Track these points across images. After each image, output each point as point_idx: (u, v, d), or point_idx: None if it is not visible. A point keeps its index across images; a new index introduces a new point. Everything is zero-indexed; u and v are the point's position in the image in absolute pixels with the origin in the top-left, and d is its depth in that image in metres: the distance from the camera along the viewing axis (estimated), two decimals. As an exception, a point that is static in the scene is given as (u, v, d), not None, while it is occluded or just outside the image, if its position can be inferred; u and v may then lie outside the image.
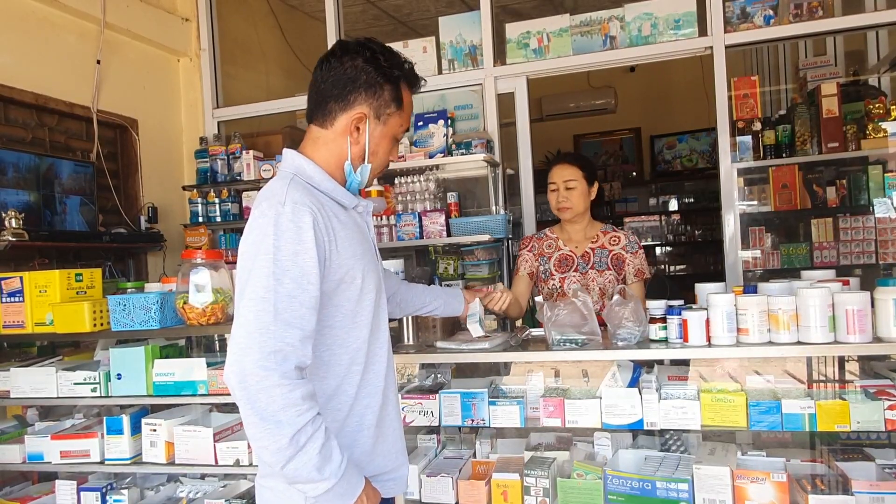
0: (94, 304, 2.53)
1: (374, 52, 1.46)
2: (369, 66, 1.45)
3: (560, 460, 2.35)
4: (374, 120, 1.47)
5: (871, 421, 2.03)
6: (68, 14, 3.62)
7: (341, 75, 1.45)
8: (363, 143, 1.48)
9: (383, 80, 1.46)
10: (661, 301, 2.27)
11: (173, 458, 2.50)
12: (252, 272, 1.31)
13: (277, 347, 1.26)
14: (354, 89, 1.45)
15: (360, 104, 1.46)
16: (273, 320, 1.26)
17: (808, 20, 3.47)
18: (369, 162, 1.51)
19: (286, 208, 1.33)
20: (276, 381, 1.24)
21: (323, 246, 1.37)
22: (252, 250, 1.33)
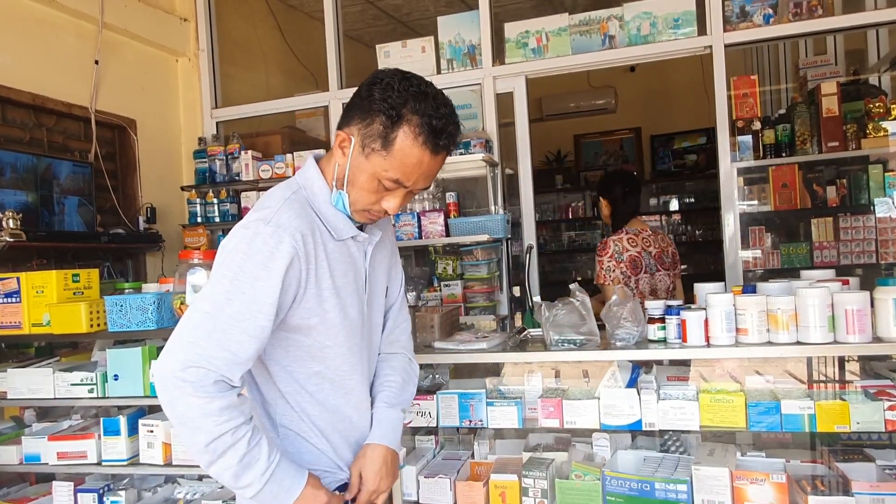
0: (91, 304, 2.52)
1: (392, 83, 1.35)
2: (376, 94, 1.35)
3: (559, 461, 2.34)
4: (359, 148, 1.38)
5: (870, 421, 2.01)
6: (66, 14, 3.62)
7: (356, 95, 1.41)
8: (344, 166, 1.40)
9: (378, 111, 1.34)
10: (659, 301, 2.27)
11: (170, 459, 2.50)
12: (211, 282, 1.32)
13: (199, 364, 1.26)
14: (353, 110, 1.40)
15: (352, 126, 1.39)
16: (207, 338, 1.27)
17: (807, 19, 3.46)
18: (347, 190, 1.41)
19: (266, 229, 1.32)
20: (190, 392, 1.25)
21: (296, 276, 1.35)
22: (221, 259, 1.33)
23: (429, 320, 2.49)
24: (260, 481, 1.32)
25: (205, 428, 1.26)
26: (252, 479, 1.31)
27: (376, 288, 1.61)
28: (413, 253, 4.05)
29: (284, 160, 4.02)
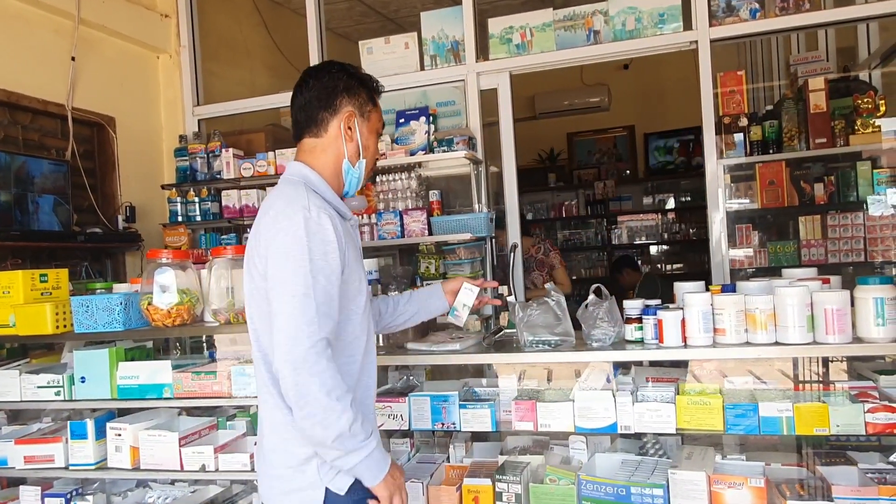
0: (57, 305, 2.47)
1: (341, 65, 1.70)
2: (342, 73, 1.67)
3: (534, 465, 2.29)
4: (360, 118, 1.67)
5: (850, 424, 1.97)
6: (42, 10, 3.55)
7: (323, 87, 1.65)
8: (356, 139, 1.67)
9: (357, 83, 1.68)
10: (637, 300, 2.21)
11: (138, 463, 2.44)
12: (290, 271, 1.47)
13: (322, 336, 1.45)
14: (338, 94, 1.65)
15: (345, 106, 1.66)
16: (316, 314, 1.45)
17: (794, 13, 3.40)
18: (363, 157, 1.69)
19: (311, 213, 1.50)
20: (324, 366, 1.43)
21: (342, 247, 1.54)
22: (285, 251, 1.48)
23: (402, 320, 2.43)
24: (372, 443, 1.51)
25: (336, 399, 1.43)
26: (369, 440, 1.50)
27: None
28: (397, 252, 3.99)
29: (266, 158, 3.96)
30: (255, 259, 1.57)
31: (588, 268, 7.58)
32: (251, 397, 2.37)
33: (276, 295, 1.47)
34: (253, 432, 2.56)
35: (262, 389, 1.61)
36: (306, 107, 1.66)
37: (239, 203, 4.02)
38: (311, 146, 1.66)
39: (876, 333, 1.91)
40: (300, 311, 1.44)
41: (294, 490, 1.55)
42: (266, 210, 1.58)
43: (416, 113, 3.77)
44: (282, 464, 1.57)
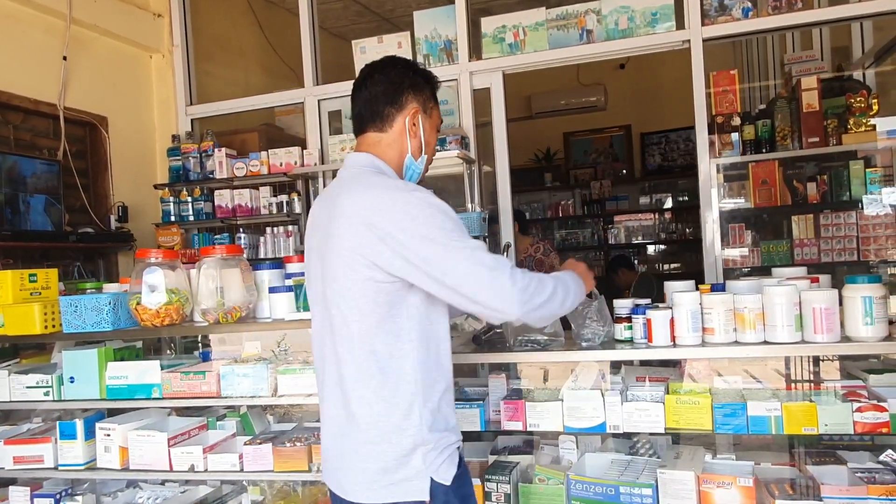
0: (46, 305, 2.46)
1: (405, 60, 1.72)
2: (408, 70, 1.69)
3: (524, 465, 2.29)
4: (423, 114, 1.69)
5: (839, 424, 1.96)
6: (33, 9, 3.55)
7: (390, 83, 1.66)
8: (419, 135, 1.68)
9: (422, 79, 1.70)
10: (627, 300, 2.21)
11: (128, 463, 2.43)
12: (439, 242, 1.45)
13: (510, 264, 1.49)
14: (404, 90, 1.66)
15: (410, 102, 1.67)
16: (491, 256, 1.48)
17: (787, 12, 3.39)
18: (425, 153, 1.72)
19: (423, 191, 1.53)
20: (526, 281, 1.49)
21: None
22: (430, 224, 1.46)
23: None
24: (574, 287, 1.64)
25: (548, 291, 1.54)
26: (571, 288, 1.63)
27: None
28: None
29: (259, 158, 3.96)
30: (359, 250, 1.49)
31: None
32: (240, 397, 2.36)
33: (443, 262, 1.45)
34: (243, 433, 2.56)
35: (355, 385, 1.55)
36: (372, 101, 1.66)
37: (232, 203, 4.02)
38: (376, 140, 1.67)
39: (864, 332, 1.90)
40: (482, 261, 1.46)
41: (399, 481, 1.52)
42: (357, 198, 1.52)
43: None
44: (383, 456, 1.53)
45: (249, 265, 2.45)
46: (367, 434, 1.55)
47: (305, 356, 2.44)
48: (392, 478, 1.52)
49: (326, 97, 4.18)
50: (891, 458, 2.08)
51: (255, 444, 2.33)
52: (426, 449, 1.52)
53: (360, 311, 1.52)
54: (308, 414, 2.62)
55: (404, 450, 1.52)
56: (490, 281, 1.44)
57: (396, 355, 1.52)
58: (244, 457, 2.32)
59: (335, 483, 1.62)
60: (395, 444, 1.52)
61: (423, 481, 1.51)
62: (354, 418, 1.56)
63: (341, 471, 1.60)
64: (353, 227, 1.50)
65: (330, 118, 4.23)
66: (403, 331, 1.52)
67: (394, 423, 1.52)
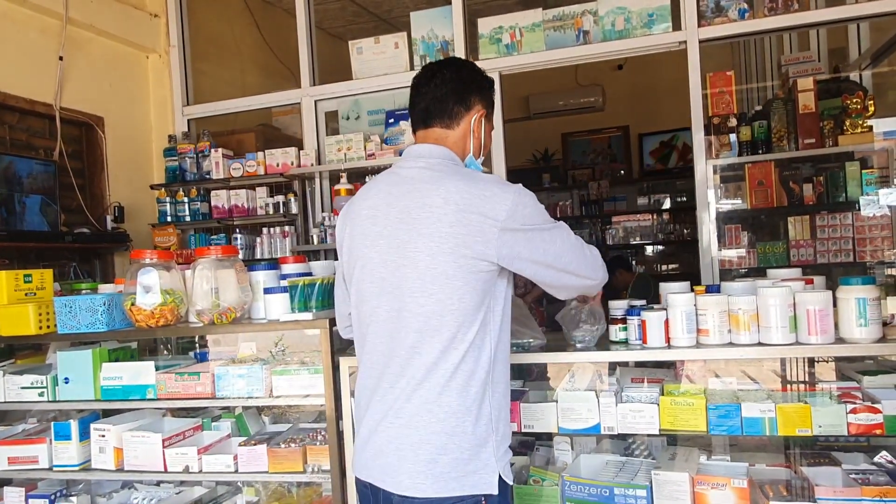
0: (40, 305, 2.46)
1: (472, 63, 1.76)
2: (476, 73, 1.72)
3: (519, 466, 2.29)
4: (485, 117, 1.74)
5: (833, 425, 1.96)
6: (28, 9, 3.55)
7: (461, 82, 1.69)
8: (480, 136, 1.73)
9: (488, 84, 1.74)
10: (622, 301, 2.21)
11: (122, 464, 2.43)
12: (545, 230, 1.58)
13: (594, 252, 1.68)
14: (472, 92, 1.70)
15: (477, 104, 1.70)
16: (576, 236, 1.65)
17: (783, 13, 3.40)
18: (483, 154, 1.76)
19: (520, 186, 1.60)
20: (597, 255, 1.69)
21: None
22: (534, 216, 1.58)
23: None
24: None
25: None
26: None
27: None
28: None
29: (255, 158, 3.96)
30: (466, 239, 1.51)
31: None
32: (234, 398, 2.36)
33: (552, 246, 1.58)
34: (238, 434, 2.56)
35: (431, 375, 1.53)
36: (442, 98, 1.67)
37: (228, 203, 4.02)
38: (442, 136, 1.69)
39: (858, 334, 1.90)
40: (577, 253, 1.62)
41: (472, 472, 1.51)
42: (462, 187, 1.54)
43: (405, 113, 3.76)
44: (460, 447, 1.51)
45: (244, 266, 2.44)
46: (445, 425, 1.52)
47: (302, 357, 2.44)
48: (466, 468, 1.51)
49: (323, 97, 4.18)
50: (885, 459, 2.08)
51: (250, 445, 2.32)
52: (496, 442, 1.54)
53: (458, 299, 1.52)
54: (304, 415, 2.62)
55: (478, 441, 1.52)
56: (591, 258, 1.66)
57: (478, 344, 1.54)
58: (239, 458, 2.32)
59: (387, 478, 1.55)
60: (469, 435, 1.52)
61: (492, 475, 1.52)
62: (428, 408, 1.53)
63: (399, 464, 1.54)
64: (462, 214, 1.51)
65: (327, 118, 4.23)
66: (489, 321, 1.56)
67: (472, 414, 1.52)
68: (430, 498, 1.50)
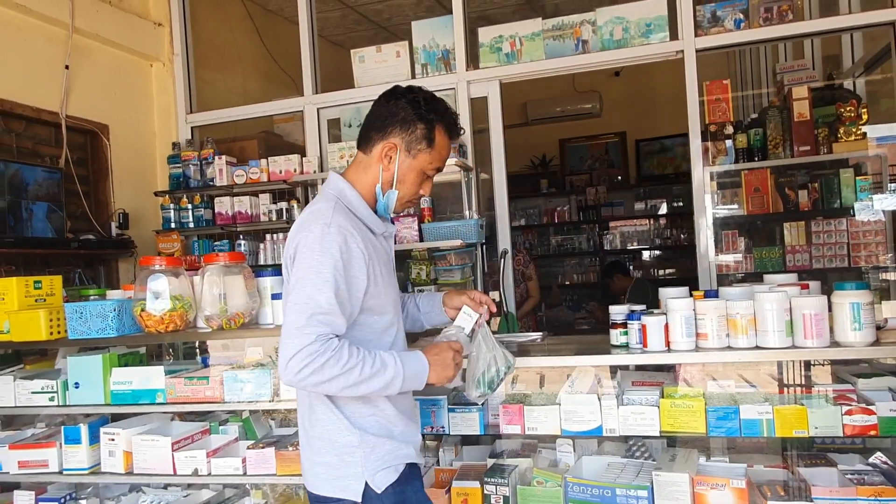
0: (51, 311, 2.50)
1: (416, 96, 1.72)
2: (409, 106, 1.70)
3: (522, 467, 2.33)
4: (405, 152, 1.71)
5: (829, 426, 2.01)
6: (35, 19, 3.59)
7: (385, 111, 1.72)
8: (392, 170, 1.71)
9: (418, 119, 1.70)
10: (623, 306, 2.26)
11: (132, 467, 2.46)
12: (298, 280, 1.58)
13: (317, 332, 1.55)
14: (392, 123, 1.70)
15: (394, 136, 1.70)
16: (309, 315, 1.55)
17: (777, 24, 3.47)
18: (396, 189, 1.73)
19: (331, 229, 1.59)
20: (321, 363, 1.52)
21: (364, 262, 1.63)
22: (300, 262, 1.59)
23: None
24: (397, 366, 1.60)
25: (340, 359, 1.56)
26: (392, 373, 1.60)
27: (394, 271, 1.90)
28: (388, 258, 4.02)
29: (259, 165, 4.00)
30: (287, 262, 1.70)
31: (580, 273, 7.65)
32: (243, 402, 2.40)
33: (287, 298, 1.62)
34: (245, 437, 2.59)
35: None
36: (367, 122, 1.75)
37: (232, 210, 4.06)
38: (360, 160, 1.76)
39: (853, 337, 1.96)
40: (290, 319, 1.56)
41: (340, 477, 1.66)
42: (298, 220, 1.70)
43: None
44: (328, 451, 1.67)
45: (252, 272, 2.49)
46: (314, 430, 1.70)
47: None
48: (335, 472, 1.66)
49: (325, 105, 4.24)
50: (880, 460, 2.13)
51: (259, 447, 2.36)
52: (365, 453, 1.64)
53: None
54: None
55: (344, 448, 1.65)
56: (287, 334, 1.54)
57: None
58: (247, 460, 2.36)
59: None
60: (334, 442, 1.66)
61: (358, 483, 1.63)
62: (304, 416, 1.74)
63: (304, 462, 1.77)
64: (287, 245, 1.69)
65: (329, 126, 4.28)
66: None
67: (334, 421, 1.66)
68: (311, 493, 1.72)
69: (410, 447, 1.74)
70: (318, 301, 1.54)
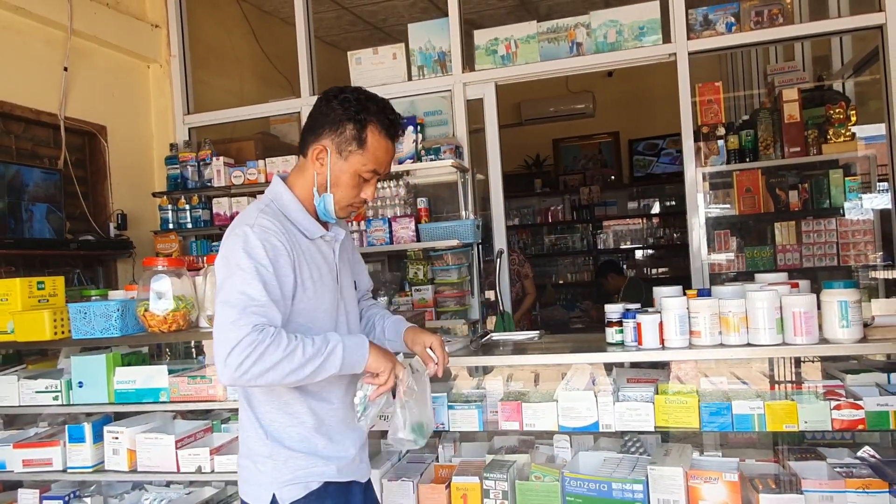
0: (55, 312, 2.53)
1: (348, 96, 1.65)
2: (339, 107, 1.64)
3: (520, 463, 2.37)
4: (336, 154, 1.65)
5: (818, 421, 2.07)
6: (34, 21, 3.61)
7: (318, 113, 1.68)
8: (325, 173, 1.66)
9: (347, 119, 1.64)
10: (618, 304, 2.31)
11: (136, 465, 2.50)
12: (220, 284, 1.57)
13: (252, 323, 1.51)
14: (322, 125, 1.66)
15: (324, 138, 1.66)
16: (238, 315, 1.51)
17: (768, 27, 3.53)
18: (330, 192, 1.68)
19: (254, 231, 1.58)
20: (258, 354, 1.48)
21: (289, 265, 1.60)
22: (223, 263, 1.59)
23: (392, 325, 2.50)
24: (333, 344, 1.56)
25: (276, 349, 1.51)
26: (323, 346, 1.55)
27: (346, 279, 1.84)
28: (385, 258, 4.07)
29: (256, 166, 4.03)
30: (217, 266, 1.67)
31: (574, 272, 7.72)
32: (246, 400, 2.43)
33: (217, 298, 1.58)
34: (247, 435, 2.62)
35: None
36: (304, 125, 1.73)
37: (229, 210, 4.09)
38: (300, 163, 1.75)
39: (841, 335, 2.01)
40: (224, 317, 1.52)
41: (252, 483, 1.69)
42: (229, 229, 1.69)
43: (404, 122, 3.86)
44: (246, 455, 1.71)
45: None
46: (241, 433, 1.75)
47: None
48: (249, 476, 1.69)
49: (322, 107, 4.26)
50: (868, 454, 2.19)
51: (261, 445, 2.40)
52: (275, 464, 1.65)
53: None
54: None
55: (257, 456, 1.68)
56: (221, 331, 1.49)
57: None
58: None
59: None
60: (251, 449, 1.69)
61: (265, 492, 1.65)
62: (238, 418, 1.80)
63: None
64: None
65: (326, 127, 4.30)
66: None
67: (252, 428, 1.69)
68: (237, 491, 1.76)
69: (332, 465, 1.69)
70: (249, 294, 1.51)
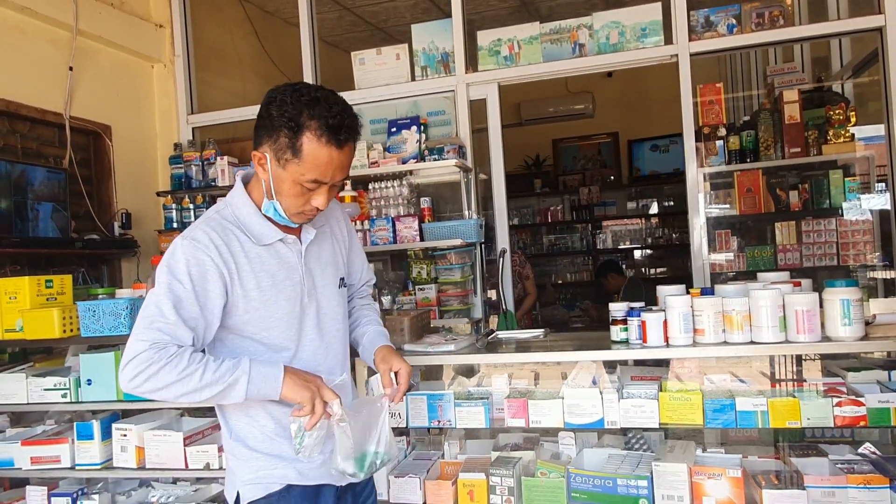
0: (64, 310, 2.55)
1: (285, 100, 1.51)
2: (273, 112, 1.51)
3: (526, 460, 2.40)
4: (275, 161, 1.53)
5: (820, 417, 2.10)
6: (39, 21, 3.63)
7: (259, 116, 1.57)
8: (267, 179, 1.56)
9: (281, 126, 1.50)
10: (622, 303, 2.33)
11: (144, 462, 2.52)
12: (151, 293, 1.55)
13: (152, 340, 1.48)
14: (260, 130, 1.56)
15: (263, 145, 1.55)
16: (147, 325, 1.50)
17: (769, 29, 3.56)
18: (276, 199, 1.58)
19: (184, 242, 1.54)
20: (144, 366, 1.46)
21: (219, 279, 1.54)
22: (160, 275, 1.55)
23: (398, 323, 2.53)
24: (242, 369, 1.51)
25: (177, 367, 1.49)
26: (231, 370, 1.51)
27: (321, 279, 1.75)
28: (388, 257, 4.09)
29: (260, 166, 4.05)
30: None
31: (573, 272, 7.75)
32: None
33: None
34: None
35: None
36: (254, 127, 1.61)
37: (234, 210, 4.10)
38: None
39: (843, 333, 2.04)
40: (135, 326, 1.52)
41: (228, 479, 1.73)
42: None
43: (407, 122, 3.88)
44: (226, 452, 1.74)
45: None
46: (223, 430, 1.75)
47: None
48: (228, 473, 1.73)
49: (326, 107, 4.28)
50: (869, 450, 2.22)
51: (269, 442, 2.42)
52: (238, 462, 1.68)
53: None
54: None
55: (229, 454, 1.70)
56: (129, 341, 1.49)
57: None
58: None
59: None
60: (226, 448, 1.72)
61: (232, 489, 1.69)
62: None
63: None
64: None
65: (329, 127, 4.32)
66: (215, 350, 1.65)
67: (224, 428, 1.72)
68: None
69: (294, 468, 1.65)
70: (161, 309, 1.48)
